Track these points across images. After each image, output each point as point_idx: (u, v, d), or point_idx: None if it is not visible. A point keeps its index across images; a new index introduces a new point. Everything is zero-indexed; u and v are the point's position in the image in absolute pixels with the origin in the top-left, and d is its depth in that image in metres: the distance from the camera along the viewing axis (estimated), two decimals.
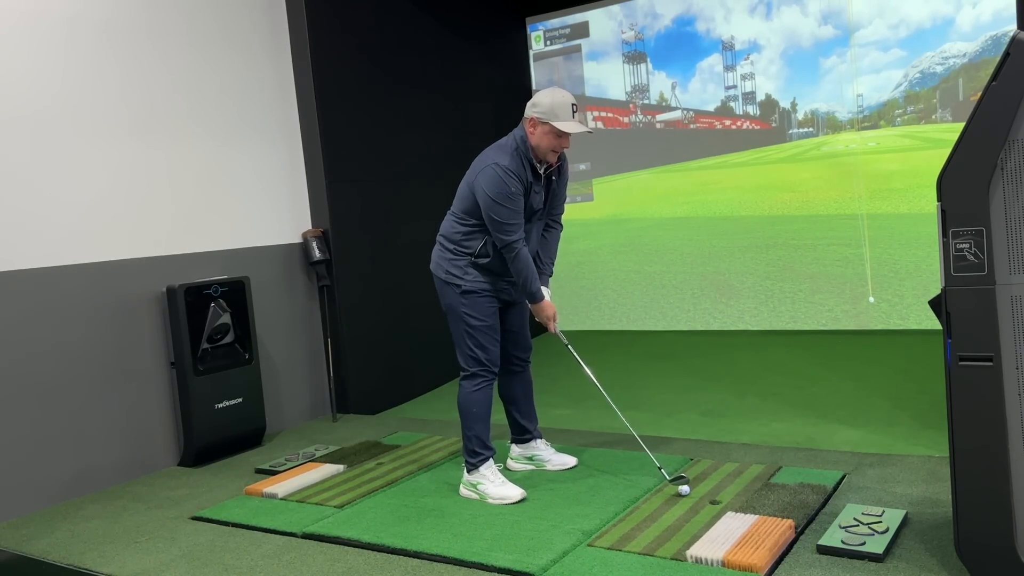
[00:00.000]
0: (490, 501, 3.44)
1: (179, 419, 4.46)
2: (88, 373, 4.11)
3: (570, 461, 3.81)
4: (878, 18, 5.99)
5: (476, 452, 3.52)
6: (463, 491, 3.56)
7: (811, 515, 3.03)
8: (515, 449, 3.89)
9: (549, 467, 3.80)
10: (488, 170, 3.34)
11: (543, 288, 3.62)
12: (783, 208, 6.51)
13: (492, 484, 3.48)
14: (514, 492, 3.44)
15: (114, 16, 4.30)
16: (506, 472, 3.71)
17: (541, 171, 3.45)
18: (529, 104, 3.39)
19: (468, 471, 3.56)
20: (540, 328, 7.71)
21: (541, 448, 3.86)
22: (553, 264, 3.78)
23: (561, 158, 3.54)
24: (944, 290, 2.32)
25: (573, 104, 3.34)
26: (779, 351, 5.94)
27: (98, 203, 4.21)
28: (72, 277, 4.07)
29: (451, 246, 3.52)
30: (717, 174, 6.77)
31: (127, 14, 4.35)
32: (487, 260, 3.47)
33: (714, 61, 6.66)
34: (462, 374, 3.57)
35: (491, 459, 3.55)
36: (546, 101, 3.33)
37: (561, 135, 3.33)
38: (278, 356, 5.08)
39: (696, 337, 6.69)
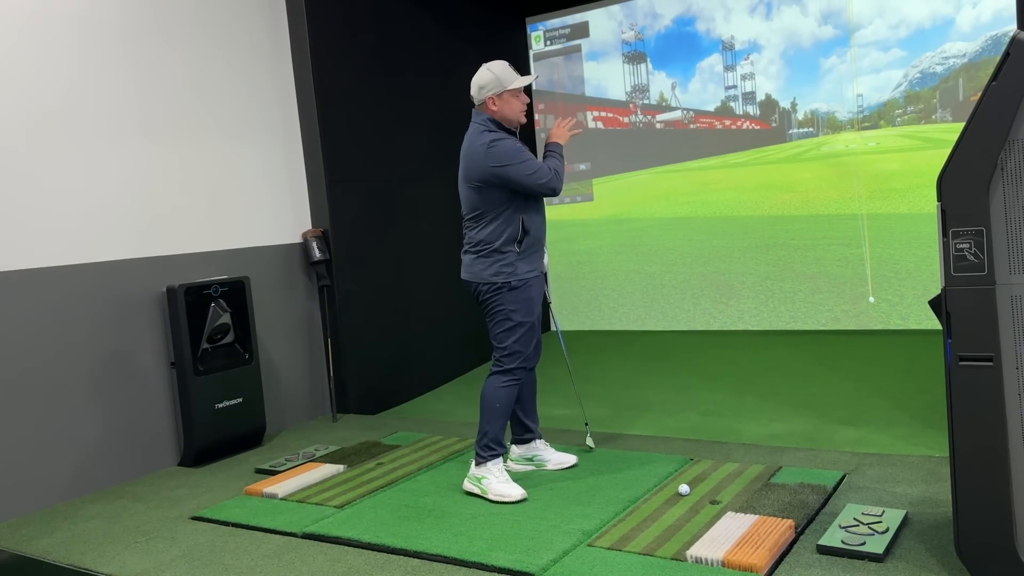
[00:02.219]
0: (490, 496, 3.45)
1: (179, 419, 4.46)
2: (88, 373, 4.11)
3: (569, 460, 3.82)
4: (878, 18, 5.99)
5: (489, 447, 3.54)
6: (466, 484, 3.58)
7: (811, 515, 3.03)
8: (515, 450, 3.89)
9: (549, 467, 3.80)
10: (492, 148, 3.45)
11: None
12: (783, 208, 6.51)
13: (496, 480, 3.50)
14: (515, 491, 3.45)
15: (114, 17, 4.29)
16: (516, 475, 3.73)
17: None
18: (475, 91, 3.54)
19: (476, 464, 3.57)
20: (545, 329, 7.66)
21: (541, 448, 3.86)
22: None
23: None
24: (944, 290, 2.32)
25: (510, 65, 3.56)
26: (779, 351, 5.94)
27: (98, 203, 4.21)
28: (72, 277, 4.07)
29: (495, 245, 3.51)
30: (717, 174, 6.77)
31: (130, 15, 4.35)
32: (527, 237, 3.53)
33: (714, 61, 6.66)
34: (495, 368, 3.59)
35: (501, 457, 3.58)
36: (489, 77, 3.50)
37: (517, 94, 3.53)
38: (278, 356, 5.08)
39: (696, 337, 6.69)
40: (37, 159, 3.97)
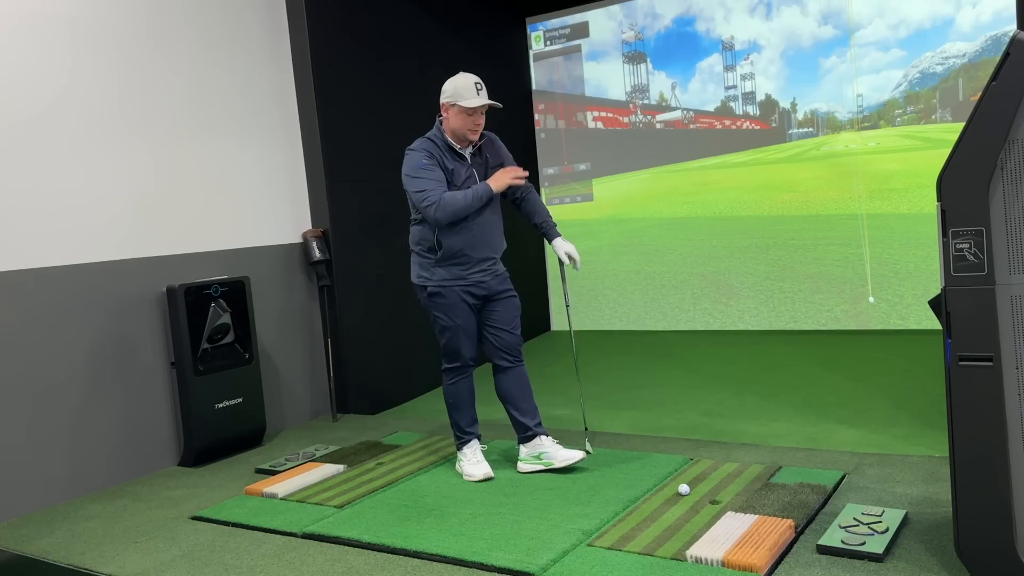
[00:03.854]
0: (464, 477, 3.80)
1: (179, 419, 4.46)
2: (88, 373, 4.11)
3: (576, 455, 3.77)
4: (878, 18, 5.99)
5: (457, 436, 3.92)
6: (456, 466, 3.93)
7: (811, 515, 3.03)
8: (522, 450, 3.87)
9: (557, 464, 3.77)
10: (406, 154, 3.66)
11: (557, 238, 3.83)
12: (783, 208, 6.51)
13: (467, 462, 3.82)
14: (478, 471, 3.75)
15: (115, 17, 4.30)
16: (516, 475, 3.78)
17: (466, 152, 3.70)
18: (441, 93, 3.63)
19: (456, 449, 3.93)
20: (538, 328, 7.61)
21: (547, 445, 3.83)
22: (551, 217, 3.93)
23: (486, 137, 3.80)
24: (944, 290, 2.32)
25: (476, 83, 3.62)
26: (779, 351, 5.94)
27: (98, 203, 4.21)
28: (72, 277, 4.07)
29: (417, 248, 3.79)
30: (717, 174, 6.77)
31: (128, 15, 4.35)
32: (443, 251, 3.65)
33: (714, 61, 6.66)
34: (442, 368, 3.88)
35: (472, 441, 3.88)
36: (450, 87, 3.63)
37: (471, 112, 3.59)
38: (278, 356, 5.08)
39: (696, 337, 6.69)
40: (37, 159, 3.97)
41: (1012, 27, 5.50)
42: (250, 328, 4.64)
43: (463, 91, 3.59)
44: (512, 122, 7.04)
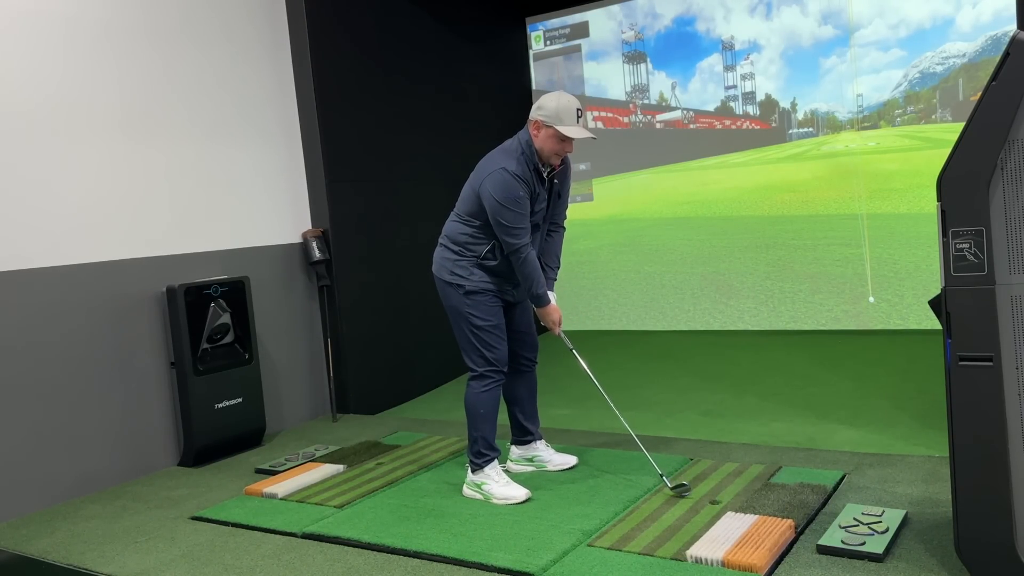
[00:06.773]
0: (495, 501, 3.44)
1: (179, 419, 4.46)
2: (88, 373, 4.11)
3: (570, 460, 3.82)
4: (878, 18, 5.99)
5: (481, 453, 3.52)
6: (466, 491, 3.56)
7: (811, 515, 3.03)
8: (515, 451, 3.89)
9: (550, 467, 3.79)
10: (496, 174, 3.32)
11: (548, 292, 3.60)
12: (783, 208, 6.51)
13: (497, 484, 3.48)
14: (519, 492, 3.44)
15: (113, 16, 4.30)
16: (506, 473, 3.71)
17: (544, 174, 3.45)
18: (534, 107, 3.39)
19: (472, 471, 3.56)
20: (542, 328, 7.70)
21: (541, 449, 3.85)
22: (558, 268, 3.76)
23: (563, 160, 3.55)
24: (944, 290, 2.32)
25: (578, 109, 3.35)
26: (779, 351, 5.94)
27: (98, 203, 4.21)
28: (72, 277, 4.07)
29: (455, 248, 3.51)
30: (717, 174, 6.77)
31: (126, 14, 4.35)
32: (494, 263, 3.48)
33: (714, 61, 6.65)
34: (471, 374, 3.56)
35: (496, 460, 3.55)
36: (551, 105, 3.33)
37: (565, 139, 3.33)
38: (278, 356, 5.07)
39: (696, 337, 6.69)
40: (37, 159, 3.97)
41: (1012, 27, 5.50)
42: (250, 328, 4.64)
43: (564, 115, 3.30)
44: (512, 122, 7.04)
